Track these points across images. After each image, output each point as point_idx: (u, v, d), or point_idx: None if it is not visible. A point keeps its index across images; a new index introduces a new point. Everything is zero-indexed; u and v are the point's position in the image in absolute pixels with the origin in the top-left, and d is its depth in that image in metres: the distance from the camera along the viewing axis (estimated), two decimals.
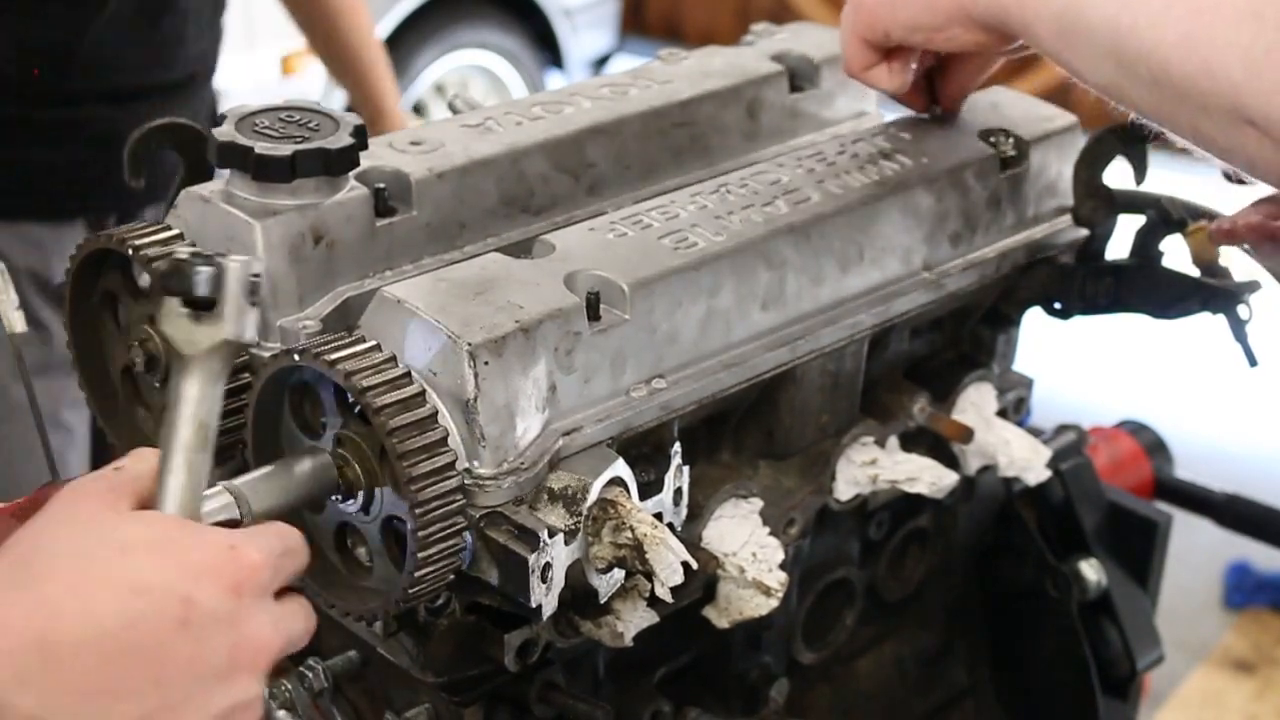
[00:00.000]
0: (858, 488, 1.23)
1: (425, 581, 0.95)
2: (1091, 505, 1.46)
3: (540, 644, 1.07)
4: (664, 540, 0.97)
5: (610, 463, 1.00)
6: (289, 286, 1.05)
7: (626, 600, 1.03)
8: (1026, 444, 1.31)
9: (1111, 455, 1.70)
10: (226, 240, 1.05)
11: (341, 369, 0.92)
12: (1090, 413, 1.62)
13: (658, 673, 1.23)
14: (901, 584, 1.41)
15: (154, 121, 1.15)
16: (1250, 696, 3.36)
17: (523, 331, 0.97)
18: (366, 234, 1.08)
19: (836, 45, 1.29)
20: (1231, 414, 4.19)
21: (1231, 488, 1.73)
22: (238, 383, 1.03)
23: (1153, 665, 1.47)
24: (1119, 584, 1.45)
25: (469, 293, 1.00)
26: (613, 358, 1.03)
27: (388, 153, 1.15)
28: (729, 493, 1.15)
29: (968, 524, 1.43)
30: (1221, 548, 3.28)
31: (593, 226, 1.11)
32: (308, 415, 0.99)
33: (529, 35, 4.89)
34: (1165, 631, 1.49)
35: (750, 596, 1.12)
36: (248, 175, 1.04)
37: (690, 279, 1.07)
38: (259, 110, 1.09)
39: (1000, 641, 1.51)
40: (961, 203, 1.25)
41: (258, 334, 0.88)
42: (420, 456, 0.92)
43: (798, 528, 1.20)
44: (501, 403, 0.96)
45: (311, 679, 1.13)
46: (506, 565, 0.96)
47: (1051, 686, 1.48)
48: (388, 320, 0.99)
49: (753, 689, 1.28)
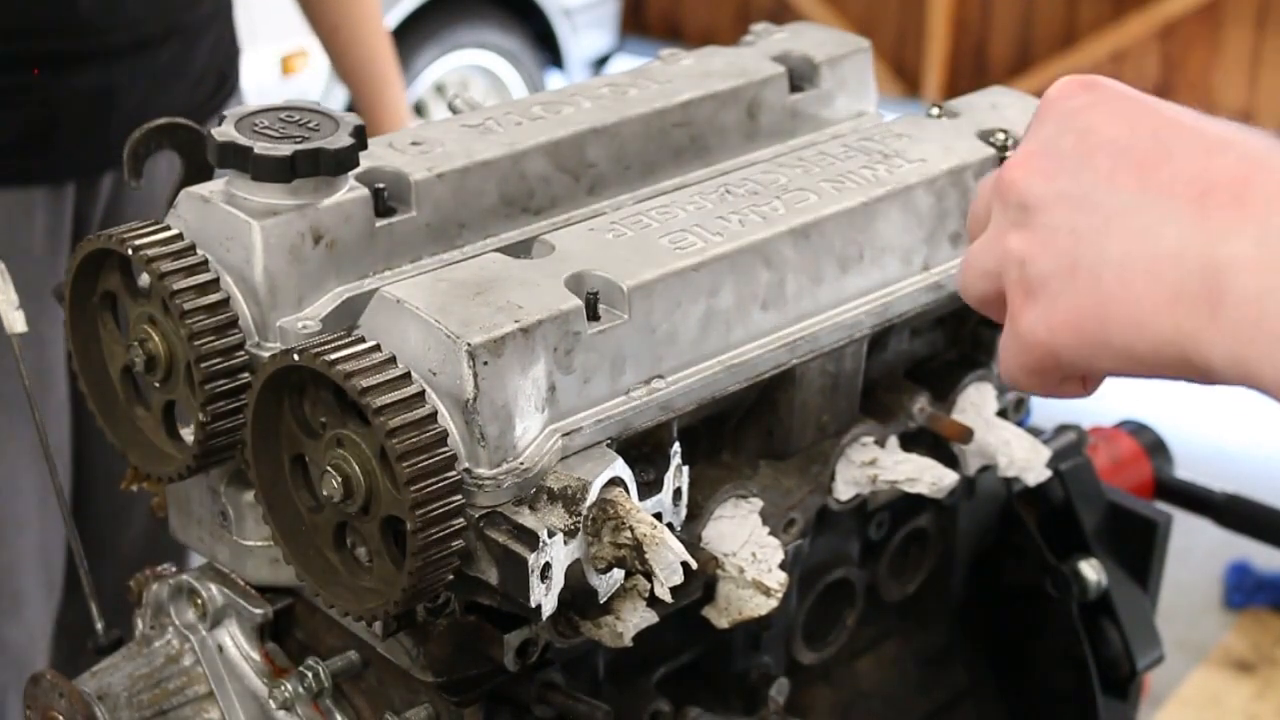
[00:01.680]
0: (858, 488, 1.23)
1: (424, 581, 0.95)
2: (1091, 505, 1.46)
3: (540, 644, 1.07)
4: (663, 540, 0.97)
5: (610, 463, 1.00)
6: (288, 286, 1.05)
7: (626, 600, 1.03)
8: (1026, 444, 1.31)
9: (1111, 455, 1.70)
10: (225, 240, 1.05)
11: (341, 369, 0.92)
12: (1090, 413, 1.62)
13: (657, 673, 1.23)
14: (901, 584, 1.41)
15: (153, 122, 1.15)
16: (1250, 696, 3.36)
17: (522, 332, 0.97)
18: (366, 234, 1.08)
19: (838, 45, 1.30)
20: (1231, 414, 4.19)
21: (1231, 488, 1.73)
22: (237, 383, 1.03)
23: (1153, 665, 1.47)
24: (1119, 584, 1.45)
25: (468, 293, 1.00)
26: (612, 358, 1.03)
27: (388, 153, 1.15)
28: (729, 493, 1.14)
29: (968, 524, 1.43)
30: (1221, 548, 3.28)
31: (592, 226, 1.11)
32: (307, 415, 0.99)
33: (529, 35, 4.90)
34: (1165, 631, 1.49)
35: (750, 596, 1.12)
36: (247, 175, 1.04)
37: (690, 279, 1.07)
38: (258, 110, 1.09)
39: (1000, 642, 1.51)
40: (961, 203, 1.25)
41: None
42: (419, 457, 0.92)
43: (797, 528, 1.20)
44: (501, 403, 0.96)
45: (311, 679, 1.13)
46: (506, 565, 0.96)
47: (1051, 686, 1.48)
48: (387, 320, 0.99)
49: (753, 689, 1.28)
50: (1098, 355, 0.77)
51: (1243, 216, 0.71)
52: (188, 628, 1.20)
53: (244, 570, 1.16)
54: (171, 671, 1.20)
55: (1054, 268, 0.78)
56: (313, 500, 1.01)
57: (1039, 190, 0.79)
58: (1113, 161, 0.77)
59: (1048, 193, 0.79)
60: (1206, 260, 0.70)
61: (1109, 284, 0.75)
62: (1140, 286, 0.73)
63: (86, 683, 1.16)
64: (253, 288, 1.04)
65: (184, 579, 1.20)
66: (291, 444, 1.01)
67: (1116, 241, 0.75)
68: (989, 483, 1.40)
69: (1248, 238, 0.70)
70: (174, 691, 1.19)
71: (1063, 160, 0.79)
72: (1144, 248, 0.73)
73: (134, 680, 1.19)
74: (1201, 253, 0.71)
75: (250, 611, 1.16)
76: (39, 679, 1.18)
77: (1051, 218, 0.78)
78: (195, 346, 1.01)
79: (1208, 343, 0.71)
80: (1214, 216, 0.72)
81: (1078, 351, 0.78)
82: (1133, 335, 0.74)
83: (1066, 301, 0.77)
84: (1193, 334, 0.72)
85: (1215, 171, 0.73)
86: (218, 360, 1.02)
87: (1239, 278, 0.69)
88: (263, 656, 1.17)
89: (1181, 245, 0.72)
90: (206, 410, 1.02)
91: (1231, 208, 0.71)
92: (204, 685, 1.19)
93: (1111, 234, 0.75)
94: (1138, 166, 0.76)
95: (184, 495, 1.18)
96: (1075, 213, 0.77)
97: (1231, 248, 0.70)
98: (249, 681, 1.17)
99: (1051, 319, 0.78)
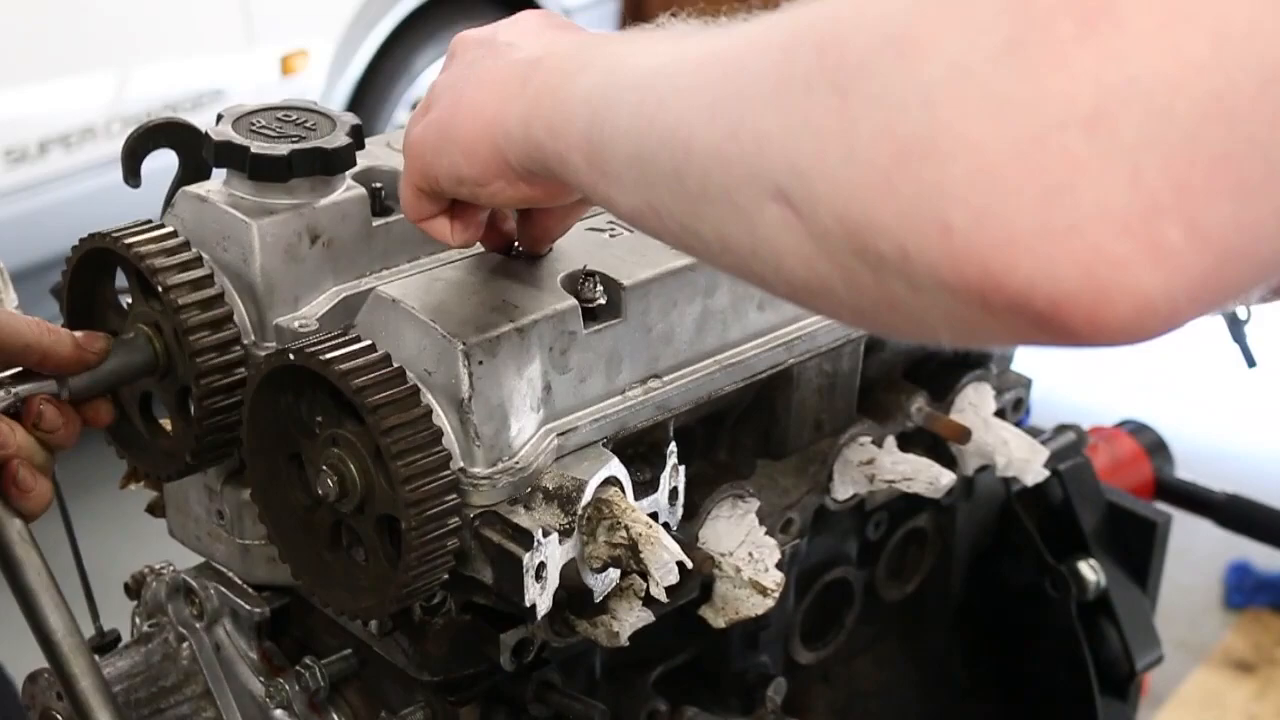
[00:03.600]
0: (855, 487, 1.23)
1: (420, 580, 0.95)
2: (1091, 505, 1.46)
3: (536, 643, 1.07)
4: (659, 540, 0.97)
5: (605, 462, 0.99)
6: (285, 286, 1.05)
7: (622, 600, 1.03)
8: (1025, 444, 1.31)
9: (1111, 455, 1.70)
10: (223, 239, 1.05)
11: (337, 368, 0.92)
12: (1090, 413, 1.62)
13: (654, 672, 1.23)
14: (900, 584, 1.41)
15: (151, 120, 1.15)
16: (1250, 697, 3.36)
17: (518, 331, 0.97)
18: (363, 233, 1.08)
19: None
20: (1231, 414, 4.18)
21: (1231, 488, 1.73)
22: (233, 377, 1.03)
23: (1152, 665, 1.47)
24: (1118, 584, 1.45)
25: (464, 292, 1.00)
26: (608, 358, 1.03)
27: (385, 152, 1.15)
28: (726, 492, 1.14)
29: (966, 524, 1.43)
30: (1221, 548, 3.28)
31: (589, 226, 1.11)
32: (303, 414, 0.99)
33: None
34: (1165, 631, 1.49)
35: (747, 596, 1.12)
36: (244, 174, 1.04)
37: (686, 279, 1.07)
38: (256, 109, 1.09)
39: (999, 642, 1.51)
40: None
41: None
42: (415, 456, 0.92)
43: (795, 527, 1.20)
44: (496, 402, 0.96)
45: (308, 678, 1.13)
46: (501, 564, 0.96)
47: (1050, 687, 1.48)
48: (383, 319, 0.99)
49: (750, 689, 1.28)
50: (444, 149, 0.90)
51: (573, 39, 0.89)
52: (185, 626, 1.20)
53: (241, 569, 1.16)
54: (169, 670, 1.20)
55: (444, 84, 0.94)
56: (308, 499, 1.01)
57: (466, 42, 0.96)
58: (530, 27, 0.94)
59: (470, 41, 0.96)
60: (534, 59, 0.86)
61: (469, 89, 0.90)
62: (485, 87, 0.88)
63: None
64: (250, 287, 1.04)
65: (181, 577, 1.20)
66: (288, 443, 1.01)
67: (490, 61, 0.91)
68: (987, 483, 1.40)
69: (568, 45, 0.87)
70: (171, 690, 1.20)
71: (494, 26, 0.96)
72: (501, 62, 0.89)
73: (131, 679, 1.19)
74: (532, 56, 0.87)
75: (247, 610, 1.16)
76: (37, 677, 1.18)
77: (465, 55, 0.94)
78: (190, 343, 1.01)
79: (510, 113, 0.85)
80: (556, 40, 0.90)
81: (434, 147, 0.92)
82: (467, 123, 0.88)
83: (441, 105, 0.92)
84: (504, 105, 0.86)
85: (579, 33, 0.92)
86: (212, 348, 1.02)
87: (547, 62, 0.85)
88: (260, 655, 1.17)
89: (525, 56, 0.88)
90: (203, 405, 1.02)
91: (572, 42, 0.88)
92: (201, 684, 1.19)
93: (489, 58, 0.91)
94: (535, 31, 0.93)
95: (181, 494, 1.18)
96: (479, 49, 0.93)
97: (552, 50, 0.87)
98: (246, 680, 1.17)
99: (427, 122, 0.93)
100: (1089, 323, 0.56)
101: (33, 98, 3.43)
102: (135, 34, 3.54)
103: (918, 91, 0.58)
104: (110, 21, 3.48)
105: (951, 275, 0.58)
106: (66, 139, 3.44)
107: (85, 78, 3.49)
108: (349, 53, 4.02)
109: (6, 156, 3.36)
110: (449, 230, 0.97)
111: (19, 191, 3.39)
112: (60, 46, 3.41)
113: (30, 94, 3.42)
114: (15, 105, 3.40)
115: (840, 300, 0.66)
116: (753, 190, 0.67)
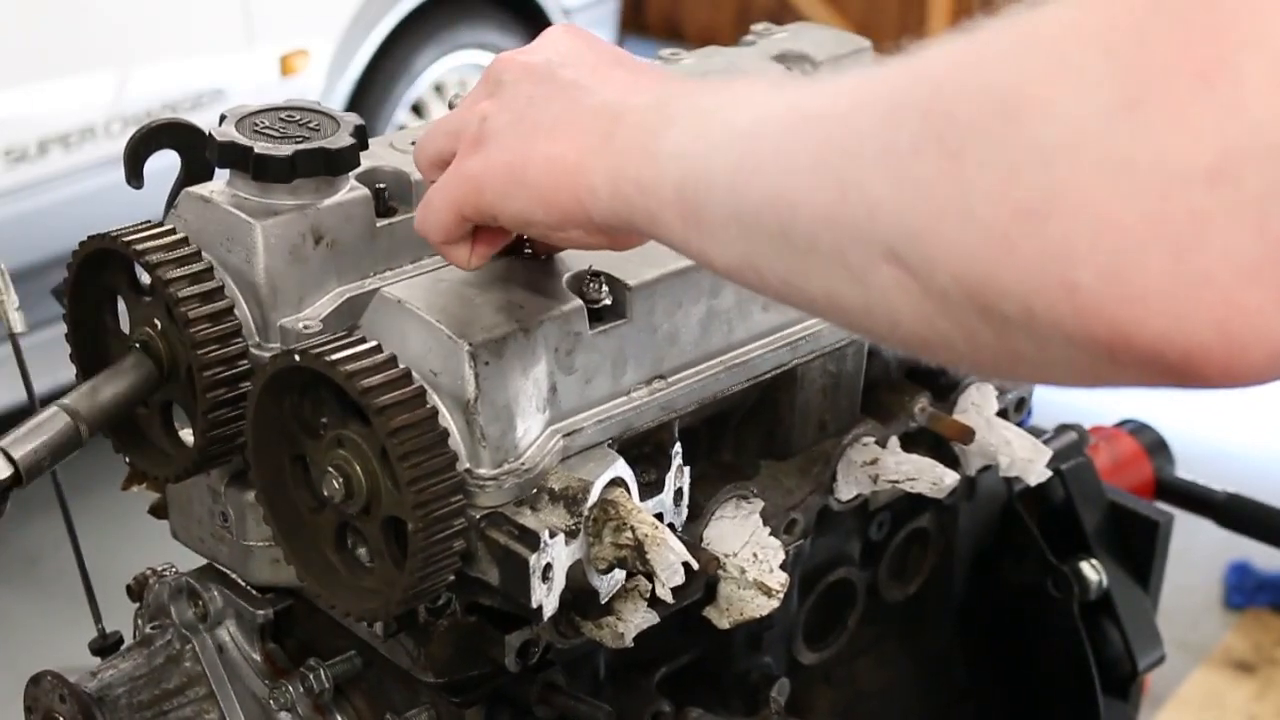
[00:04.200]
0: (859, 488, 1.23)
1: (425, 582, 0.95)
2: (1092, 505, 1.46)
3: (541, 645, 1.07)
4: (665, 541, 0.97)
5: (611, 463, 0.99)
6: (289, 287, 1.05)
7: (627, 601, 1.03)
8: (1027, 444, 1.31)
9: (1112, 455, 1.70)
10: (226, 240, 1.05)
11: (343, 369, 0.92)
12: (1091, 412, 1.62)
13: (658, 673, 1.23)
14: (902, 584, 1.41)
15: (154, 121, 1.15)
16: (1250, 697, 3.36)
17: (523, 332, 0.97)
18: (367, 234, 1.08)
19: (838, 45, 1.29)
20: (1231, 414, 4.18)
21: (1231, 488, 1.73)
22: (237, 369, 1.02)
23: (1154, 665, 1.47)
24: (1120, 584, 1.45)
25: (470, 293, 1.00)
26: (613, 358, 1.03)
27: (388, 153, 1.15)
28: (730, 493, 1.14)
29: (968, 524, 1.43)
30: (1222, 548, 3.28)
31: None
32: (308, 415, 0.99)
33: (529, 35, 4.88)
34: (1165, 631, 1.49)
35: (751, 597, 1.12)
36: (248, 175, 1.04)
37: (691, 279, 1.07)
38: (259, 110, 1.09)
39: (1001, 642, 1.51)
40: None
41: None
42: (420, 457, 0.92)
43: (799, 528, 1.20)
44: (502, 403, 0.96)
45: (312, 680, 1.13)
46: (507, 566, 0.96)
47: (1052, 687, 1.48)
48: (388, 320, 0.99)
49: (754, 689, 1.28)
50: (513, 193, 0.88)
51: (648, 88, 0.86)
52: (188, 628, 1.20)
53: (245, 571, 1.16)
54: (172, 672, 1.20)
55: (507, 121, 0.90)
56: (314, 500, 1.01)
57: (515, 69, 0.92)
58: (586, 60, 0.91)
59: (520, 70, 0.92)
60: (614, 111, 0.84)
61: (541, 134, 0.87)
62: (561, 134, 0.86)
63: (87, 683, 1.16)
64: (253, 288, 1.04)
65: (185, 579, 1.20)
66: (292, 444, 1.00)
67: (559, 104, 0.88)
68: (990, 483, 1.40)
69: (647, 94, 0.85)
70: (174, 692, 1.19)
71: (540, 52, 0.93)
72: (574, 108, 0.87)
73: (134, 681, 1.19)
74: (610, 105, 0.85)
75: (251, 612, 1.16)
76: (39, 679, 1.18)
77: (518, 87, 0.91)
78: (194, 337, 1.01)
79: (595, 167, 0.84)
80: (629, 85, 0.88)
81: (499, 189, 0.89)
82: (543, 172, 0.86)
83: (506, 144, 0.89)
84: (587, 158, 0.84)
85: (646, 76, 0.90)
86: (216, 349, 1.02)
87: (630, 116, 0.83)
88: (263, 657, 1.17)
89: (600, 103, 0.86)
90: (206, 398, 1.02)
91: (651, 91, 0.86)
92: (204, 686, 1.19)
93: (556, 99, 0.88)
94: (592, 67, 0.90)
95: (185, 496, 1.17)
96: (537, 84, 0.90)
97: (632, 102, 0.85)
98: (250, 682, 1.17)
99: (489, 159, 0.90)
100: (1223, 371, 0.57)
101: (33, 98, 3.43)
102: (135, 34, 3.54)
103: (1033, 153, 0.58)
104: (110, 21, 3.48)
105: (1079, 332, 0.59)
106: (66, 139, 3.44)
107: (85, 77, 3.49)
108: (349, 53, 4.02)
109: (6, 156, 3.36)
110: (468, 256, 0.96)
111: (19, 191, 3.39)
112: (60, 46, 3.41)
113: (30, 94, 3.42)
114: (15, 105, 3.40)
115: (961, 354, 0.67)
116: (864, 252, 0.67)
